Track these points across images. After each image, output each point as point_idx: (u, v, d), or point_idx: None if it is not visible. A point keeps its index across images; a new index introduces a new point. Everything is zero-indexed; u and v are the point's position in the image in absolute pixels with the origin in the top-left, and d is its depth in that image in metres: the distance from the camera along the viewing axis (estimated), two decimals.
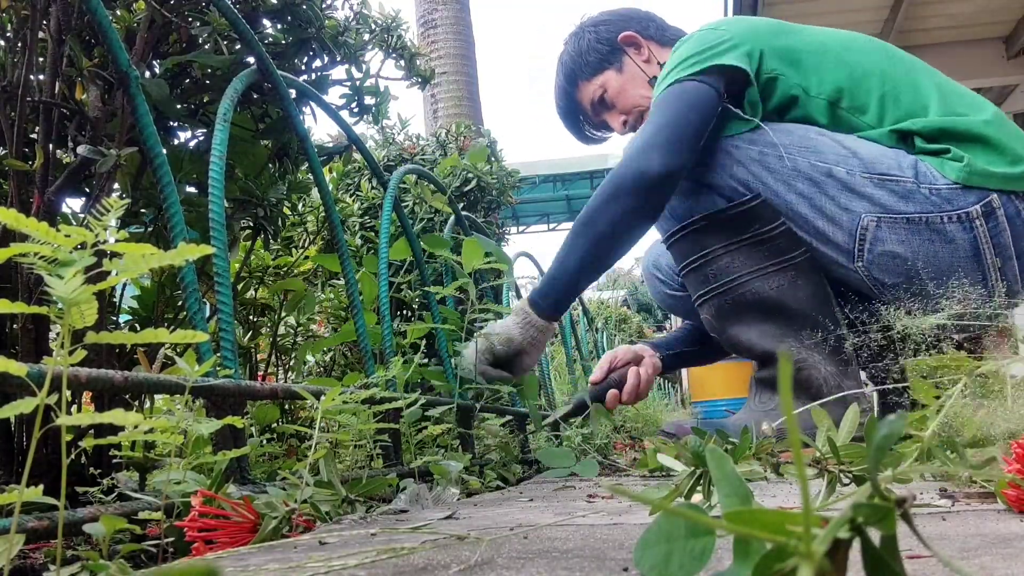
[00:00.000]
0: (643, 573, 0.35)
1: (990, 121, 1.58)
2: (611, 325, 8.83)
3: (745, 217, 1.66)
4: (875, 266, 1.59)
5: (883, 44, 1.76)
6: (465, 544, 0.62)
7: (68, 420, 0.51)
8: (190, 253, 0.51)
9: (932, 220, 1.55)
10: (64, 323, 0.50)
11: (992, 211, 1.54)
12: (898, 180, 1.57)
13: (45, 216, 1.02)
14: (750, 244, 1.66)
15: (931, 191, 1.55)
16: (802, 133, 1.66)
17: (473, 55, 7.12)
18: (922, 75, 1.67)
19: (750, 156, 1.66)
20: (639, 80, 1.94)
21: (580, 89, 2.01)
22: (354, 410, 0.98)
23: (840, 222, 1.60)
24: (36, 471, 0.96)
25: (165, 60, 1.31)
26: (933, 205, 1.55)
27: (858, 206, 1.58)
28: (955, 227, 1.55)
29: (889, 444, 0.31)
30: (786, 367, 0.25)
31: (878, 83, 1.65)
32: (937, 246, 1.55)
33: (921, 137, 1.60)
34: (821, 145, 1.63)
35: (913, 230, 1.56)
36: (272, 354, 1.94)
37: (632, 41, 1.96)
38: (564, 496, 1.15)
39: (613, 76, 1.97)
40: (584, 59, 1.98)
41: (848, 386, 1.60)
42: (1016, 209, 1.56)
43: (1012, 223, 1.55)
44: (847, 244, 1.60)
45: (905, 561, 0.32)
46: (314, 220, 2.20)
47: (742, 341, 1.72)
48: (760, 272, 1.66)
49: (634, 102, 1.95)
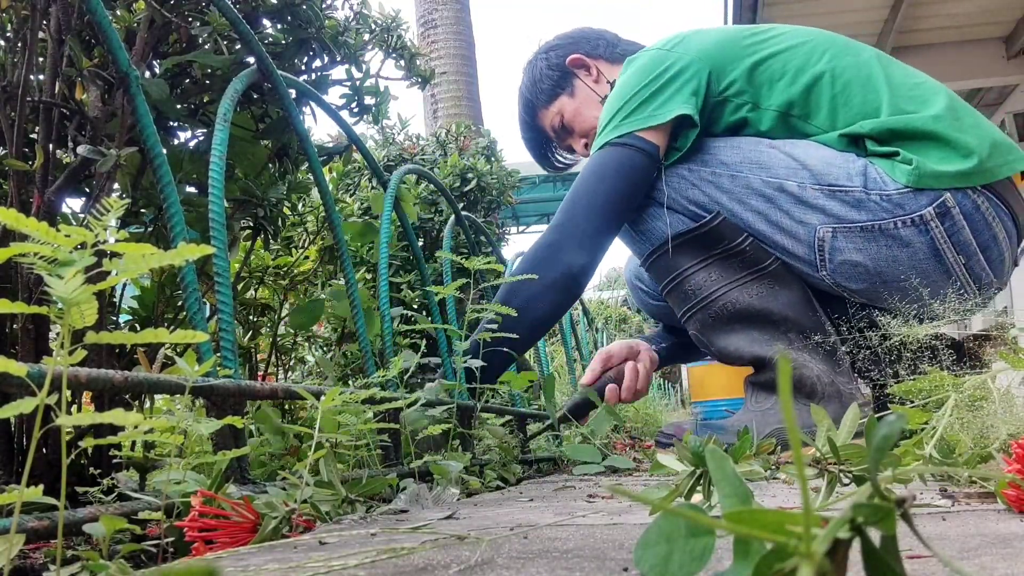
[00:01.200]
0: (643, 573, 0.35)
1: (940, 116, 1.56)
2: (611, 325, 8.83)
3: (711, 236, 1.67)
4: (839, 274, 1.60)
5: (836, 38, 1.74)
6: (465, 544, 0.62)
7: (68, 420, 0.51)
8: (190, 253, 0.51)
9: (885, 226, 1.55)
10: (64, 323, 0.50)
11: (947, 211, 1.53)
12: (847, 190, 1.56)
13: (45, 216, 1.02)
14: (722, 258, 1.67)
15: (882, 197, 1.55)
16: (751, 147, 1.66)
17: (473, 55, 7.12)
18: (874, 69, 1.65)
19: (703, 177, 1.68)
20: (591, 102, 1.96)
21: (540, 117, 2.04)
22: (354, 410, 0.98)
23: (798, 235, 1.61)
24: (36, 471, 0.96)
25: (165, 60, 1.31)
26: (885, 211, 1.54)
27: (812, 218, 1.59)
28: (910, 231, 1.54)
29: (889, 445, 0.31)
30: (785, 368, 0.25)
31: (828, 86, 1.64)
32: (895, 251, 1.55)
33: (872, 139, 1.60)
34: (770, 159, 1.63)
35: (868, 237, 1.56)
36: (272, 354, 1.94)
37: (580, 63, 1.97)
38: (564, 496, 1.15)
39: (567, 101, 1.98)
40: (538, 87, 2.00)
41: (841, 382, 1.60)
42: (974, 204, 1.54)
43: (970, 219, 1.54)
44: (808, 256, 1.61)
45: (905, 561, 0.32)
46: (314, 220, 2.20)
47: (731, 350, 1.72)
48: (737, 283, 1.67)
49: (590, 123, 1.97)
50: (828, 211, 1.57)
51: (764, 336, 1.66)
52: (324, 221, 2.09)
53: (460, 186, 3.34)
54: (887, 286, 1.56)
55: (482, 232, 2.41)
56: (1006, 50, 5.40)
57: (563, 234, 1.65)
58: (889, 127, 1.57)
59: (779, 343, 1.63)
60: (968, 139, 1.55)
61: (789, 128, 1.67)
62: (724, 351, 1.74)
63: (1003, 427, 0.83)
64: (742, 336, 1.69)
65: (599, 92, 1.94)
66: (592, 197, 1.65)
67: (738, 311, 1.67)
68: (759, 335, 1.67)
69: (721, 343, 1.73)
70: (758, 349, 1.67)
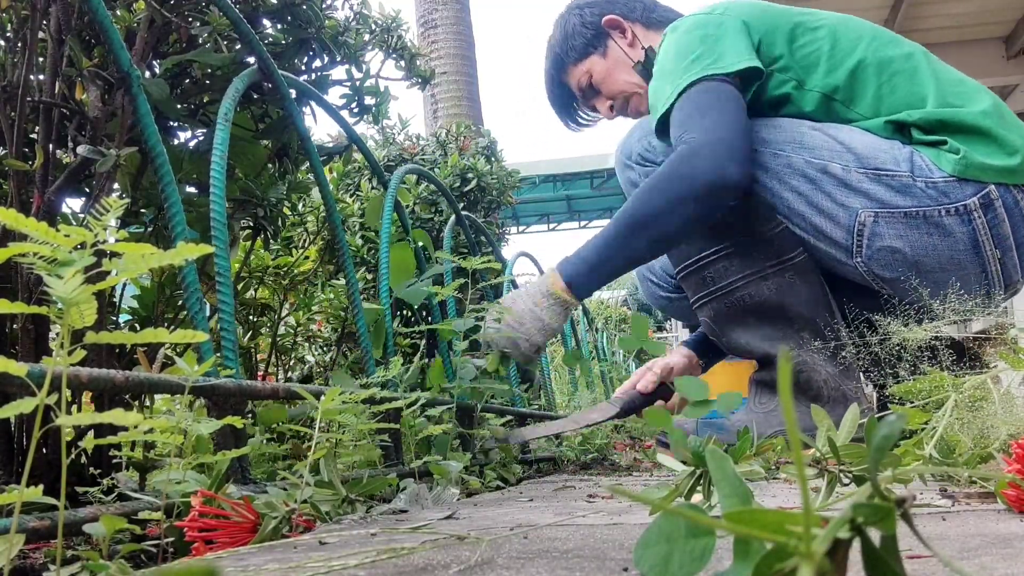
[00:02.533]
0: (643, 573, 0.35)
1: (988, 112, 1.57)
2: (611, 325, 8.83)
3: (738, 215, 1.63)
4: (874, 261, 1.58)
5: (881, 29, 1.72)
6: (465, 544, 0.62)
7: (67, 420, 0.51)
8: (189, 252, 0.51)
9: (930, 214, 1.54)
10: (64, 323, 0.50)
11: (990, 202, 1.53)
12: (894, 175, 1.56)
13: (45, 216, 1.02)
14: (747, 246, 1.65)
15: (927, 184, 1.54)
16: (794, 128, 1.64)
17: (473, 55, 7.12)
18: (920, 63, 1.64)
19: None
20: (623, 65, 1.90)
21: (569, 74, 1.96)
22: (354, 410, 0.98)
23: (837, 218, 1.59)
24: (36, 471, 0.96)
25: (165, 60, 1.31)
26: (930, 199, 1.54)
27: (855, 202, 1.57)
28: (953, 220, 1.54)
29: (888, 445, 0.31)
30: (786, 369, 0.25)
31: (874, 74, 1.62)
32: (936, 239, 1.55)
33: (918, 128, 1.59)
34: (814, 141, 1.61)
35: (911, 224, 1.55)
36: (272, 354, 1.94)
37: (616, 24, 1.91)
38: (564, 496, 1.15)
39: (598, 60, 1.92)
40: (570, 43, 1.93)
41: (848, 388, 1.60)
42: (1015, 199, 1.55)
43: (1011, 213, 1.55)
44: (845, 240, 1.59)
45: (905, 561, 0.32)
46: (314, 220, 2.20)
47: (741, 343, 1.72)
48: (757, 274, 1.65)
49: (620, 87, 1.92)
50: (872, 195, 1.56)
51: (777, 334, 1.66)
52: (324, 221, 2.09)
53: (460, 186, 3.34)
54: (920, 277, 1.54)
55: (482, 232, 2.41)
56: (1006, 50, 5.40)
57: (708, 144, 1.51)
58: (938, 118, 1.57)
59: (791, 342, 1.63)
60: (1014, 138, 1.56)
61: (831, 112, 1.66)
62: (735, 344, 1.73)
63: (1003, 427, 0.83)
64: (755, 332, 1.68)
65: (632, 56, 1.90)
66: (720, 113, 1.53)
67: (755, 304, 1.66)
68: (772, 332, 1.66)
69: (733, 335, 1.72)
70: (768, 347, 1.67)
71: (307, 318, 2.10)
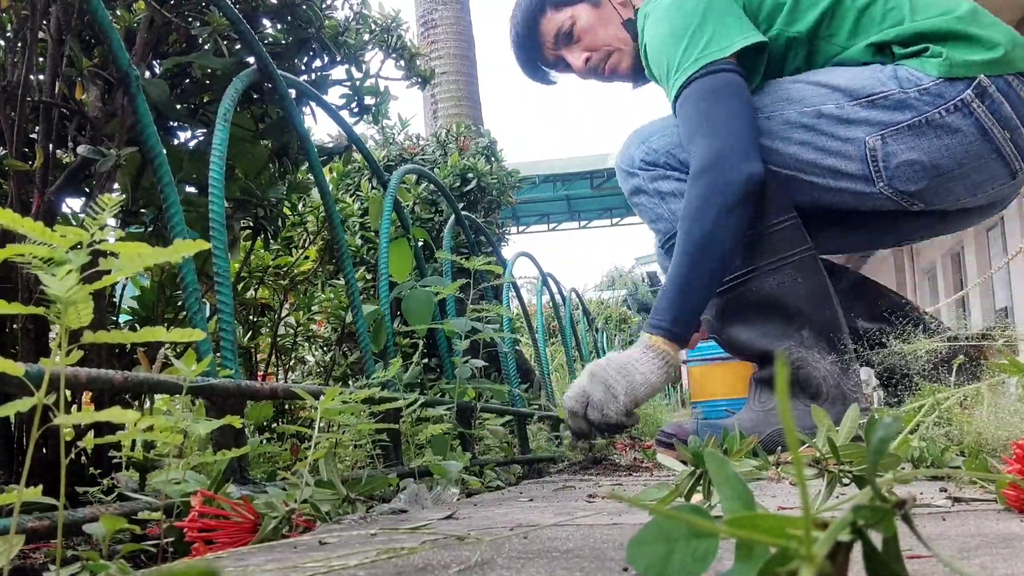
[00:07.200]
0: (639, 571, 0.35)
1: (963, 16, 1.61)
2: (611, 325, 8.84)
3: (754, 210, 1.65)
4: (896, 179, 1.61)
5: None
6: (465, 544, 0.62)
7: (66, 419, 0.51)
8: (186, 249, 0.51)
9: (931, 118, 1.58)
10: (62, 323, 0.50)
11: (984, 91, 1.57)
12: (885, 95, 1.60)
13: (45, 216, 1.02)
14: (750, 241, 1.66)
15: (920, 92, 1.58)
16: (775, 87, 1.68)
17: (473, 55, 7.11)
18: None
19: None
20: (613, 21, 1.89)
21: (548, 17, 1.92)
22: (354, 410, 0.98)
23: (847, 153, 1.62)
24: (36, 471, 0.96)
25: (165, 60, 1.31)
26: (927, 104, 1.58)
27: (858, 132, 1.61)
28: (955, 117, 1.57)
29: (886, 447, 0.31)
30: (783, 367, 0.25)
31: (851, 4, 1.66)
32: (946, 139, 1.58)
33: (898, 44, 1.63)
34: (799, 92, 1.65)
35: (917, 133, 1.59)
36: (272, 354, 1.94)
37: None
38: (564, 496, 1.15)
39: (586, 10, 1.89)
40: None
41: (848, 385, 1.60)
42: (1007, 83, 1.58)
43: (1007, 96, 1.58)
44: (862, 171, 1.62)
45: (905, 561, 0.32)
46: (314, 220, 2.20)
47: (742, 340, 1.71)
48: (761, 270, 1.66)
49: (604, 41, 1.89)
50: (872, 120, 1.60)
51: (777, 332, 1.66)
52: (324, 221, 2.09)
53: (460, 186, 3.34)
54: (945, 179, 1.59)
55: (482, 232, 2.41)
56: None
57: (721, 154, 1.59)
58: (915, 30, 1.62)
59: (790, 341, 1.63)
60: (991, 33, 1.61)
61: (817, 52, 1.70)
62: (734, 341, 1.74)
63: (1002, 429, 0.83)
64: (755, 329, 1.68)
65: (623, 14, 1.88)
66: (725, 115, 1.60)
67: (756, 300, 1.67)
68: (772, 329, 1.66)
69: (733, 332, 1.72)
70: (768, 344, 1.67)
71: (307, 318, 2.10)
